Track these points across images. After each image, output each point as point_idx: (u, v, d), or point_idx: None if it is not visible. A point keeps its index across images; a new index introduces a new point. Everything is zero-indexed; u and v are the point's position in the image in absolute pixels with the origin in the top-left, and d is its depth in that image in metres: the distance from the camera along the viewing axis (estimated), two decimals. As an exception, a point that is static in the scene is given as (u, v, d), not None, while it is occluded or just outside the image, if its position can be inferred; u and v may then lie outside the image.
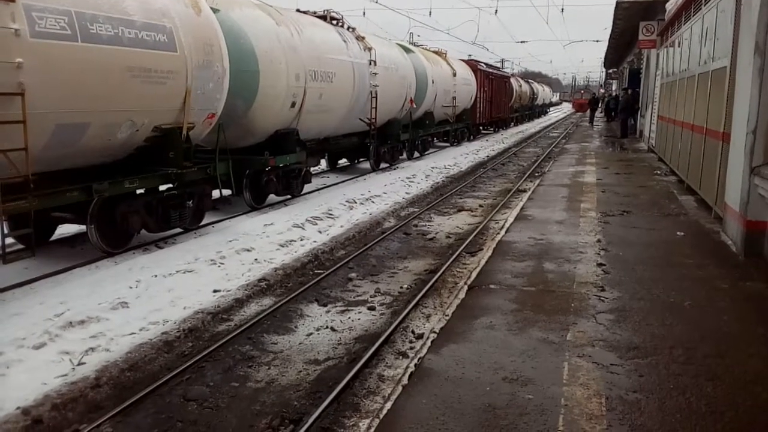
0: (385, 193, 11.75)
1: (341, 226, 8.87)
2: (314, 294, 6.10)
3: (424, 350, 4.21)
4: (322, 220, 9.14)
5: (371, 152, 14.92)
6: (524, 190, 12.06)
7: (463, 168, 16.07)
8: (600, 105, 41.21)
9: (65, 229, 8.06)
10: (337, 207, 10.02)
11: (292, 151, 10.56)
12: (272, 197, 10.74)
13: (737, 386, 3.59)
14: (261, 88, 9.46)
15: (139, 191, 7.48)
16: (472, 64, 25.91)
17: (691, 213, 8.79)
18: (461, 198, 12.04)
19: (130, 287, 5.84)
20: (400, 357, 4.56)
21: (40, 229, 7.02)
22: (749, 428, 3.18)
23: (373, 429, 3.26)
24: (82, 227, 7.29)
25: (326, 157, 15.29)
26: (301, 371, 4.45)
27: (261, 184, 10.14)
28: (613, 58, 37.29)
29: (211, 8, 8.32)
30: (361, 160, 16.27)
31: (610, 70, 47.51)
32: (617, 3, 19.29)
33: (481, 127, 27.81)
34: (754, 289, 5.40)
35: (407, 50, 17.51)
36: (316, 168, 14.13)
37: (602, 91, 62.53)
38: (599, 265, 6.13)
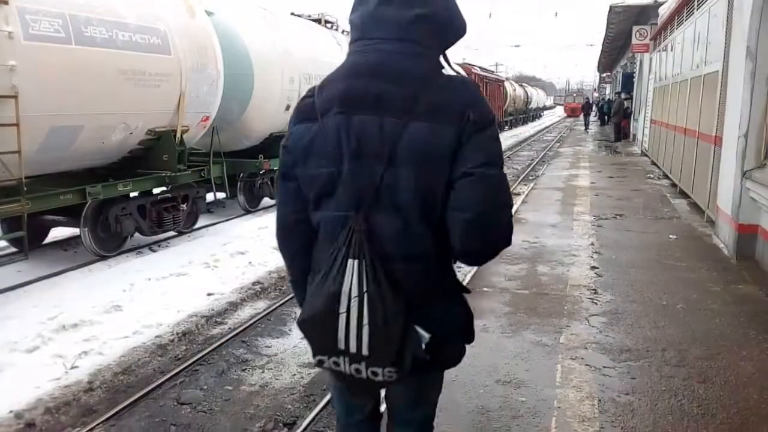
0: (379, 196, 11.74)
1: (335, 229, 8.86)
2: (308, 297, 6.09)
3: (418, 353, 4.21)
4: (316, 223, 9.13)
5: (366, 155, 14.91)
6: (518, 194, 12.09)
7: (457, 171, 16.07)
8: (594, 109, 41.36)
9: (58, 232, 8.03)
10: (331, 210, 10.01)
11: (287, 154, 10.56)
12: (267, 200, 10.75)
13: (729, 388, 3.61)
14: (255, 92, 9.47)
15: (132, 194, 7.47)
16: (466, 68, 26.01)
17: (683, 216, 8.83)
18: (455, 201, 12.03)
19: (124, 290, 5.82)
20: (394, 360, 4.56)
21: (34, 232, 7.01)
22: (741, 430, 3.19)
23: (366, 432, 3.26)
24: (76, 230, 7.27)
25: (321, 161, 15.28)
26: (295, 374, 4.44)
27: (255, 187, 10.15)
28: (607, 62, 37.46)
29: (206, 11, 8.33)
30: (356, 163, 16.26)
31: (604, 74, 47.69)
32: (610, 7, 19.39)
33: (475, 131, 27.81)
34: (745, 291, 5.43)
35: (402, 54, 17.54)
36: (311, 171, 14.11)
37: (596, 95, 62.69)
38: (592, 267, 6.15)
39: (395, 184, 1.59)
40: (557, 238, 7.48)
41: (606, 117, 33.75)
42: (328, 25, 12.85)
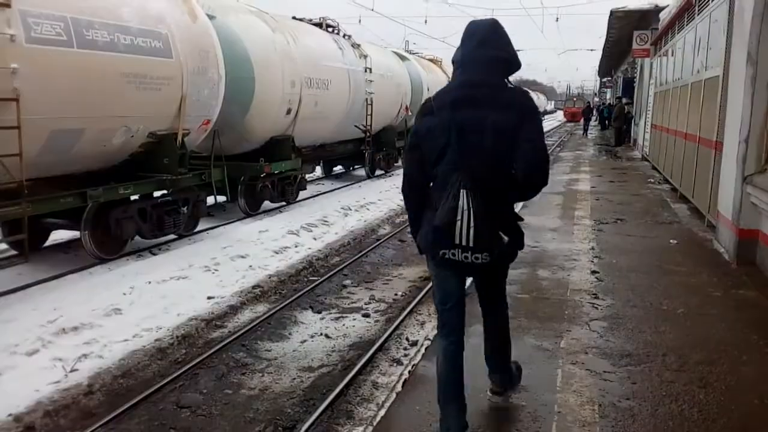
0: (380, 200, 11.76)
1: (336, 233, 8.87)
2: (308, 301, 6.10)
3: (418, 357, 4.21)
4: (317, 226, 9.15)
5: (366, 159, 14.94)
6: (519, 198, 12.06)
7: (458, 175, 16.06)
8: (594, 113, 41.34)
9: (59, 235, 8.04)
10: (332, 214, 10.03)
11: (288, 158, 10.58)
12: (267, 204, 10.75)
13: (729, 393, 3.60)
14: (256, 95, 9.48)
15: (133, 197, 7.47)
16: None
17: (684, 221, 8.82)
18: (456, 205, 12.02)
19: (124, 294, 5.82)
20: (394, 364, 4.56)
21: (34, 235, 7.01)
22: (741, 435, 3.18)
23: (366, 436, 3.26)
24: (76, 233, 7.27)
25: (321, 164, 15.30)
26: (294, 378, 4.44)
27: (256, 190, 10.14)
28: (608, 66, 37.47)
29: (207, 15, 8.34)
30: (357, 167, 16.29)
31: (605, 79, 47.70)
32: (611, 12, 19.40)
33: (476, 135, 27.77)
34: (746, 296, 5.42)
35: (403, 58, 17.58)
36: (312, 175, 14.15)
37: (596, 99, 62.61)
38: (593, 272, 6.14)
39: (483, 148, 2.74)
40: (558, 243, 7.47)
41: (606, 122, 33.74)
42: (330, 29, 12.87)
